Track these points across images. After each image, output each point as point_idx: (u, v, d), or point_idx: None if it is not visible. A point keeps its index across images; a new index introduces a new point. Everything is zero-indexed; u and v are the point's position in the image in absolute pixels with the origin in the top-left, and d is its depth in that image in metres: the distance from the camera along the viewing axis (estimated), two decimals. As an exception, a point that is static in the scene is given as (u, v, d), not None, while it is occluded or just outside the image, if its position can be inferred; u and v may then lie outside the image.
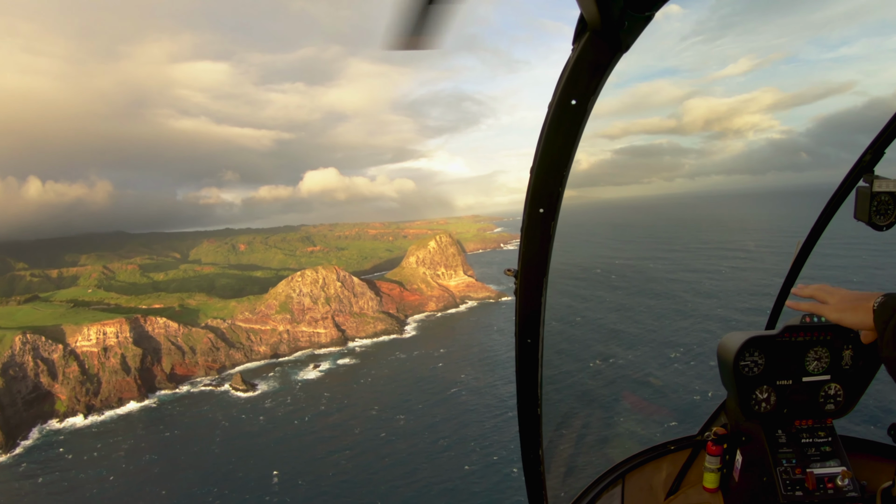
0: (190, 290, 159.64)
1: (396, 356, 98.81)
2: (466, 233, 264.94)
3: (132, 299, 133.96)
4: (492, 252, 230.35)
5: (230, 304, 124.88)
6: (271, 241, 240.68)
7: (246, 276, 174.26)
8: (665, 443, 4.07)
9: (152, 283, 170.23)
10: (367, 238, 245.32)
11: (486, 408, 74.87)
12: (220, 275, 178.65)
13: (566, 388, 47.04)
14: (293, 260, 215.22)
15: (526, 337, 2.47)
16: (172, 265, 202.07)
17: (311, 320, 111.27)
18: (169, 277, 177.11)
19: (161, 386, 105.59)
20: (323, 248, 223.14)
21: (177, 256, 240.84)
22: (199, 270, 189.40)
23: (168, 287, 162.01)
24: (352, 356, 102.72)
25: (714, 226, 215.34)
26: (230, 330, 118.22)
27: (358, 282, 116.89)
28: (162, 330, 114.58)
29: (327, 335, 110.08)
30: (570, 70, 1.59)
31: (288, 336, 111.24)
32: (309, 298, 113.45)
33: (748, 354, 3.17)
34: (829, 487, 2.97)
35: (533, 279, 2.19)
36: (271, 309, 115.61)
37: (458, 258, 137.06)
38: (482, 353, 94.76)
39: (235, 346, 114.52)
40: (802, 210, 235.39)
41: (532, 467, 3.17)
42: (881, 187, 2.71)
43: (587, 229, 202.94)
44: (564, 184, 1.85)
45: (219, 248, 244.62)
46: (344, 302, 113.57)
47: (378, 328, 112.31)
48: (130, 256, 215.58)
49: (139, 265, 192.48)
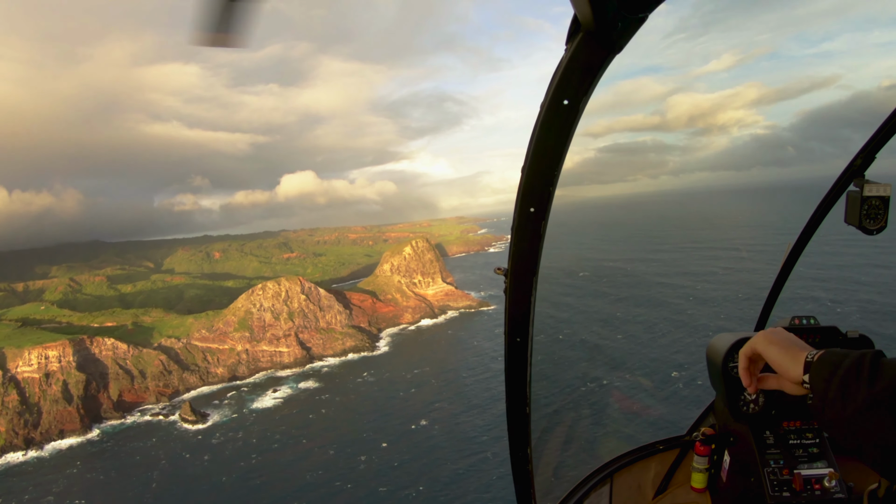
0: (156, 303, 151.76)
1: (364, 379, 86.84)
2: (450, 235, 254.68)
3: (85, 316, 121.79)
4: (475, 255, 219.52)
5: (187, 320, 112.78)
6: (247, 248, 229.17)
7: (217, 286, 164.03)
8: (653, 442, 4.05)
9: (119, 296, 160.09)
10: (347, 243, 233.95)
11: (459, 444, 63.57)
12: (189, 285, 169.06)
13: (555, 388, 46.05)
14: (268, 268, 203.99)
15: (515, 336, 2.37)
16: (144, 275, 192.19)
17: (272, 338, 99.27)
18: (137, 289, 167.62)
19: (106, 415, 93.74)
20: (300, 255, 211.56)
21: (150, 266, 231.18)
22: (168, 281, 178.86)
23: (135, 300, 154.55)
24: (315, 378, 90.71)
25: (703, 224, 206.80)
26: (185, 350, 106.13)
27: (325, 294, 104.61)
28: (110, 352, 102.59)
29: (290, 354, 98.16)
30: (563, 70, 1.57)
31: (247, 356, 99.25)
32: (270, 314, 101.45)
33: (737, 355, 2.63)
34: (817, 489, 2.98)
35: (523, 278, 2.16)
36: (229, 326, 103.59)
37: (436, 264, 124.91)
38: (458, 375, 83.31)
39: (190, 369, 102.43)
40: (789, 206, 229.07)
41: (520, 466, 3.02)
42: (871, 192, 2.75)
43: (570, 228, 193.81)
44: (556, 183, 1.85)
45: (193, 257, 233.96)
46: (309, 317, 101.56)
47: (347, 345, 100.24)
48: (102, 267, 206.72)
49: (108, 276, 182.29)
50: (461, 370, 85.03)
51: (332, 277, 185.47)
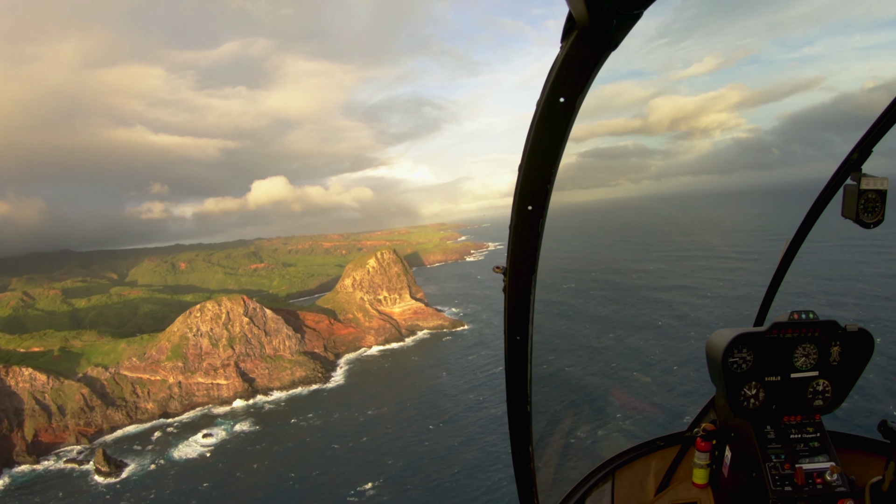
0: (107, 320, 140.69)
1: (308, 422, 71.65)
2: (428, 243, 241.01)
3: (14, 339, 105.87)
4: (453, 264, 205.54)
5: (119, 345, 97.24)
6: (215, 258, 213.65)
7: (175, 300, 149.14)
8: (654, 439, 4.01)
9: (71, 312, 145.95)
10: (320, 252, 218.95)
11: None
12: (146, 300, 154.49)
13: (556, 386, 45.22)
14: (233, 280, 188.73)
15: (515, 334, 2.35)
16: (104, 288, 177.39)
17: (208, 368, 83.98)
18: (91, 304, 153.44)
19: (19, 458, 78.89)
20: (268, 265, 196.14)
21: (114, 277, 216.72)
22: (125, 295, 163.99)
23: (86, 316, 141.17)
24: (255, 418, 75.34)
25: (691, 228, 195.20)
26: (112, 381, 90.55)
27: (272, 315, 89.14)
28: (27, 384, 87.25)
29: (230, 387, 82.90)
30: (559, 68, 1.55)
31: (179, 390, 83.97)
32: (208, 339, 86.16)
33: (736, 351, 3.16)
34: (818, 482, 2.95)
35: (522, 276, 2.15)
36: (162, 353, 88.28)
37: (404, 278, 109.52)
38: (421, 418, 68.43)
39: (115, 404, 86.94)
40: (775, 208, 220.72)
41: (522, 464, 2.99)
42: (868, 185, 2.70)
43: (550, 235, 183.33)
44: (553, 181, 1.84)
45: (158, 268, 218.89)
46: (253, 343, 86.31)
47: (296, 375, 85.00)
48: (64, 278, 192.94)
49: (65, 290, 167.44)
50: (426, 409, 70.39)
51: (299, 290, 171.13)
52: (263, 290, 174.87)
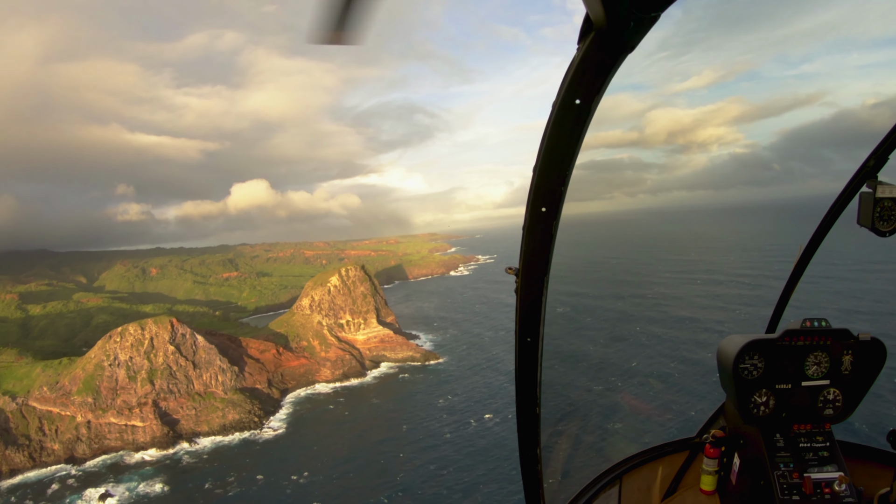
0: (56, 330, 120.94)
1: (229, 486, 55.97)
2: (416, 254, 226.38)
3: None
4: (438, 279, 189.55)
5: (35, 370, 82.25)
6: (188, 264, 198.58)
7: (133, 311, 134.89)
8: (663, 444, 3.95)
9: (22, 320, 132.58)
10: (301, 261, 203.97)
11: None
12: (103, 309, 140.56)
13: (564, 389, 43.83)
14: (201, 289, 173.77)
15: (526, 335, 2.31)
16: (67, 293, 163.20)
17: (122, 406, 68.80)
18: (45, 311, 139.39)
19: None
20: (241, 275, 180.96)
21: (82, 281, 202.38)
22: (83, 303, 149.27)
23: (36, 325, 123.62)
24: (168, 475, 59.84)
25: (690, 245, 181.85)
26: (19, 414, 75.31)
27: (203, 344, 73.75)
28: (-84, 413, 72.72)
29: (147, 430, 67.57)
30: (575, 69, 1.55)
31: (88, 431, 68.88)
32: (125, 371, 71.04)
33: (748, 358, 3.10)
34: (826, 492, 2.91)
35: (534, 277, 2.12)
36: (75, 384, 73.23)
37: (371, 300, 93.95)
38: (363, 489, 52.91)
39: (17, 443, 71.78)
40: (775, 226, 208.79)
41: (530, 466, 2.96)
42: (885, 193, 2.64)
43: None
44: (567, 183, 1.83)
45: (128, 273, 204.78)
46: (178, 377, 71.04)
47: (228, 418, 69.50)
48: (29, 281, 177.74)
49: (24, 293, 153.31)
50: (371, 479, 54.57)
51: (269, 303, 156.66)
52: (231, 302, 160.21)
